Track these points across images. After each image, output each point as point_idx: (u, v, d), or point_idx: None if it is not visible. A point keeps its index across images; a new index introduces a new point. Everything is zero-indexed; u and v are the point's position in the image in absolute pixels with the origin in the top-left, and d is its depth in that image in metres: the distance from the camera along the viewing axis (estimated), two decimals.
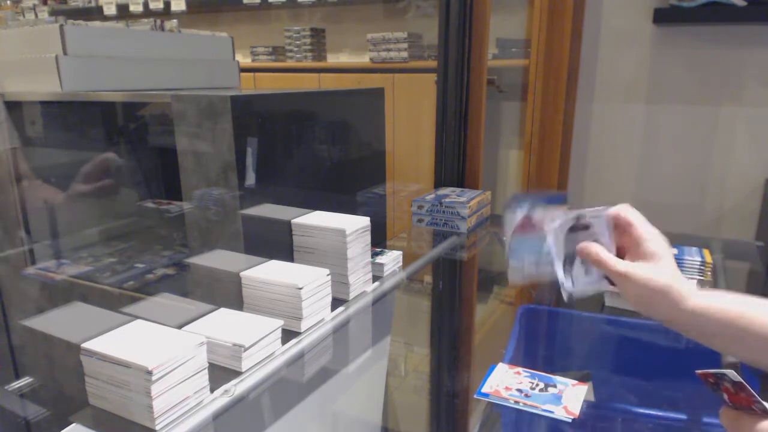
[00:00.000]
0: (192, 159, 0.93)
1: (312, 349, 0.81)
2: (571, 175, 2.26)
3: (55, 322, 0.73)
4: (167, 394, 0.61)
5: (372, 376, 0.91)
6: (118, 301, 1.06)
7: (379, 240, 1.28)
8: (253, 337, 0.73)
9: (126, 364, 0.60)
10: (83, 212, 1.24)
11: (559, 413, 0.64)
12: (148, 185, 1.39)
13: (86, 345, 0.63)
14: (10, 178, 1.14)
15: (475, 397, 0.68)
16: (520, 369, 0.77)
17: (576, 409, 0.65)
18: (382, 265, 1.05)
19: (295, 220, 0.94)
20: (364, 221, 0.94)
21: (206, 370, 0.66)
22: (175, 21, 1.31)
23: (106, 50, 1.12)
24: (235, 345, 0.71)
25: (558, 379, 0.75)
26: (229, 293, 0.86)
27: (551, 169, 2.07)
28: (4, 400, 0.76)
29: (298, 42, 2.98)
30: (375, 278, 1.02)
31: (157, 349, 0.62)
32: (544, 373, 0.76)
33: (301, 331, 0.82)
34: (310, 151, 1.09)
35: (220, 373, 0.71)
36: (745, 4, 1.78)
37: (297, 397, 0.76)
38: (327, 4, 2.96)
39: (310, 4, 2.88)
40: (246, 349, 0.72)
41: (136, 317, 0.70)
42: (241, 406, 0.68)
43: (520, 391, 0.71)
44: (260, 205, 0.95)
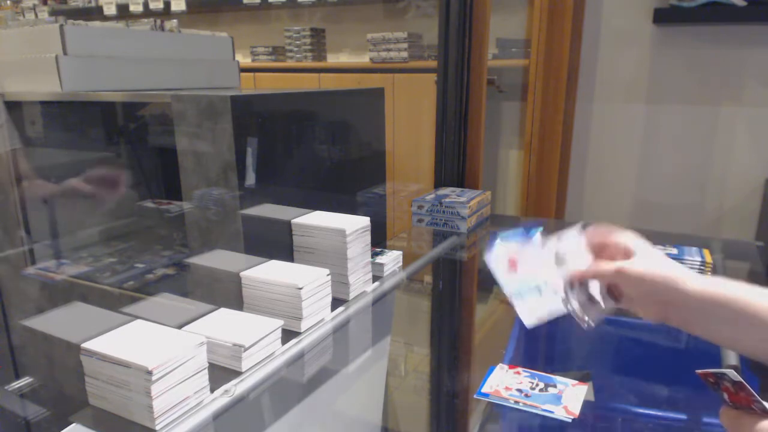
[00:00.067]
0: (192, 159, 0.93)
1: (312, 349, 0.81)
2: (571, 175, 2.26)
3: (55, 322, 0.73)
4: (167, 394, 0.61)
5: (372, 376, 0.91)
6: (118, 301, 1.06)
7: (379, 240, 1.28)
8: (253, 337, 0.73)
9: (126, 364, 0.60)
10: (83, 212, 1.24)
11: (559, 413, 0.64)
12: (148, 185, 1.39)
13: (86, 345, 0.63)
14: (11, 179, 1.14)
15: (475, 397, 0.68)
16: (520, 369, 0.77)
17: (576, 409, 0.65)
18: (382, 265, 1.05)
19: (295, 220, 0.94)
20: (364, 221, 0.94)
21: (206, 370, 0.66)
22: (175, 21, 1.31)
23: (106, 50, 1.12)
24: (235, 345, 0.71)
25: (558, 379, 0.75)
26: (229, 293, 0.86)
27: (551, 169, 2.07)
28: (4, 400, 0.76)
29: (298, 42, 2.98)
30: (375, 278, 1.02)
31: (157, 349, 0.62)
32: (544, 373, 0.76)
33: (301, 331, 0.82)
34: (310, 151, 1.09)
35: (220, 373, 0.71)
36: (745, 4, 1.78)
37: (297, 397, 0.76)
38: (327, 4, 2.96)
39: (310, 4, 2.88)
40: (246, 349, 0.72)
41: (136, 317, 0.70)
42: (241, 406, 0.68)
43: (520, 391, 0.71)
44: (260, 205, 0.95)
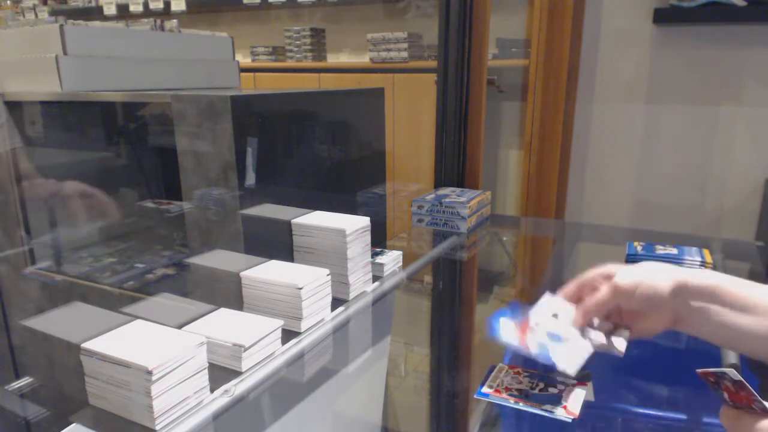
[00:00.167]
0: (192, 159, 0.93)
1: (312, 349, 0.81)
2: (571, 175, 2.27)
3: (55, 322, 0.73)
4: (167, 394, 0.61)
5: (372, 376, 0.91)
6: (118, 301, 1.06)
7: (379, 240, 1.28)
8: (253, 337, 0.73)
9: (126, 364, 0.60)
10: (83, 213, 1.24)
11: (559, 413, 0.64)
12: (148, 185, 1.39)
13: (86, 345, 0.63)
14: (11, 178, 1.14)
15: (475, 397, 0.68)
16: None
17: (576, 409, 0.65)
18: (382, 265, 1.05)
19: (295, 220, 0.94)
20: (364, 221, 0.94)
21: (206, 370, 0.66)
22: (175, 21, 1.31)
23: (106, 50, 1.12)
24: (235, 345, 0.71)
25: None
26: (229, 293, 0.86)
27: (551, 169, 2.07)
28: (4, 400, 0.76)
29: (298, 42, 2.98)
30: (375, 278, 1.02)
31: (157, 349, 0.62)
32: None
33: (301, 331, 0.82)
34: (310, 151, 1.09)
35: (220, 373, 0.71)
36: (745, 4, 1.78)
37: (297, 397, 0.76)
38: (327, 4, 2.97)
39: (310, 4, 2.89)
40: (246, 349, 0.72)
41: (136, 317, 0.70)
42: (241, 406, 0.68)
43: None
44: (260, 205, 0.95)
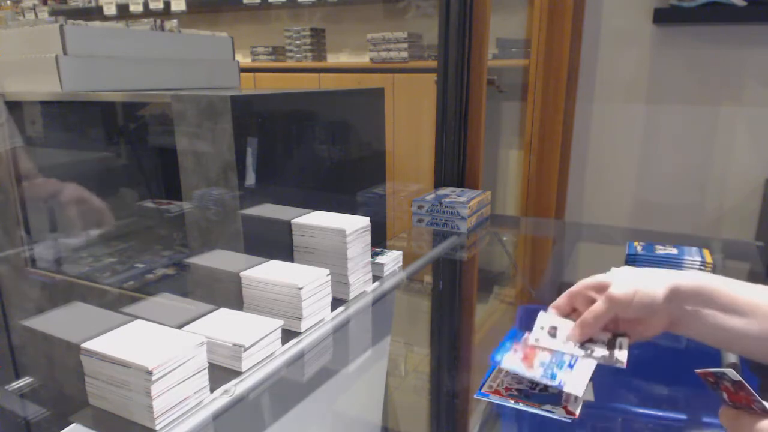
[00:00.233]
0: (192, 159, 0.93)
1: (312, 349, 0.81)
2: (571, 175, 2.27)
3: (55, 322, 0.73)
4: (167, 394, 0.61)
5: (372, 376, 0.91)
6: (118, 301, 1.06)
7: (379, 240, 1.28)
8: (253, 337, 0.73)
9: (126, 364, 0.60)
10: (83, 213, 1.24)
11: (559, 413, 0.64)
12: (148, 185, 1.39)
13: (86, 345, 0.63)
14: (12, 178, 1.14)
15: (475, 397, 0.68)
16: None
17: (576, 409, 0.65)
18: (382, 265, 1.05)
19: (295, 220, 0.94)
20: (364, 221, 0.94)
21: (206, 370, 0.66)
22: (175, 21, 1.31)
23: (106, 50, 1.12)
24: (235, 345, 0.71)
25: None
26: (229, 293, 0.86)
27: (551, 169, 2.07)
28: (4, 400, 0.76)
29: (298, 42, 2.98)
30: (375, 278, 1.02)
31: (157, 349, 0.62)
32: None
33: (301, 331, 0.82)
34: (310, 151, 1.09)
35: (220, 373, 0.71)
36: (745, 4, 1.78)
37: (297, 397, 0.76)
38: (327, 4, 2.97)
39: (310, 4, 2.89)
40: (246, 349, 0.72)
41: (136, 317, 0.70)
42: (241, 406, 0.68)
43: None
44: (260, 205, 0.95)
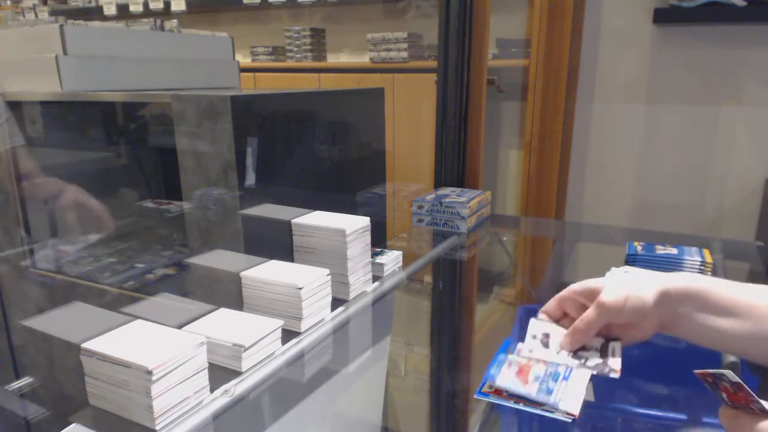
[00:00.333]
0: (192, 159, 0.93)
1: (312, 349, 0.81)
2: (571, 175, 2.27)
3: (55, 322, 0.73)
4: (167, 394, 0.61)
5: (372, 376, 0.91)
6: (118, 301, 1.06)
7: (379, 240, 1.28)
8: (253, 337, 0.73)
9: (126, 364, 0.60)
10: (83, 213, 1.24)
11: (559, 413, 0.64)
12: (148, 185, 1.39)
13: (86, 345, 0.63)
14: (11, 177, 1.14)
15: (475, 397, 0.68)
16: None
17: (576, 409, 0.64)
18: (382, 265, 1.05)
19: (295, 220, 0.94)
20: (364, 221, 0.94)
21: (206, 370, 0.66)
22: (175, 21, 1.31)
23: (106, 50, 1.12)
24: (235, 345, 0.71)
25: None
26: (229, 293, 0.86)
27: (551, 169, 2.07)
28: (4, 400, 0.76)
29: (298, 42, 2.98)
30: (375, 278, 1.02)
31: (157, 349, 0.62)
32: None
33: (301, 331, 0.82)
34: (310, 151, 1.09)
35: (220, 373, 0.71)
36: (745, 4, 1.78)
37: (297, 397, 0.76)
38: (327, 4, 2.97)
39: (310, 4, 2.89)
40: (246, 349, 0.72)
41: (136, 317, 0.70)
42: (241, 406, 0.68)
43: None
44: (260, 205, 0.95)
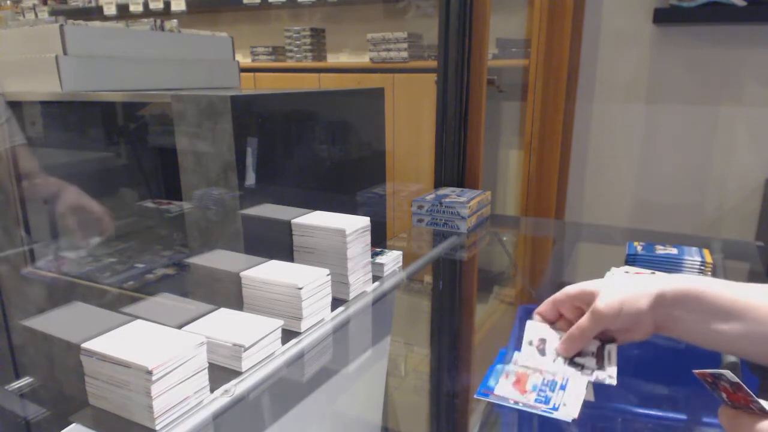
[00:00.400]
0: (192, 159, 0.93)
1: (312, 349, 0.81)
2: (571, 175, 2.27)
3: (55, 322, 0.73)
4: (167, 394, 0.61)
5: (372, 376, 0.91)
6: (118, 301, 1.06)
7: (379, 240, 1.28)
8: (253, 337, 0.73)
9: (126, 364, 0.60)
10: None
11: (559, 413, 0.64)
12: (148, 185, 1.39)
13: (86, 345, 0.63)
14: (11, 177, 1.14)
15: (475, 397, 0.68)
16: None
17: (576, 409, 0.64)
18: (382, 265, 1.05)
19: (295, 220, 0.94)
20: (364, 221, 0.94)
21: (206, 370, 0.66)
22: (175, 21, 1.31)
23: (106, 50, 1.12)
24: (235, 345, 0.71)
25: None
26: (229, 293, 0.86)
27: (551, 169, 2.07)
28: (4, 400, 0.76)
29: (298, 42, 2.98)
30: (375, 278, 1.02)
31: (157, 349, 0.62)
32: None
33: (301, 331, 0.82)
34: (310, 151, 1.09)
35: (220, 373, 0.71)
36: (745, 4, 1.78)
37: (297, 397, 0.76)
38: (327, 4, 2.97)
39: (310, 4, 2.89)
40: (246, 349, 0.72)
41: (136, 317, 0.70)
42: (241, 406, 0.68)
43: None
44: (260, 205, 0.95)
